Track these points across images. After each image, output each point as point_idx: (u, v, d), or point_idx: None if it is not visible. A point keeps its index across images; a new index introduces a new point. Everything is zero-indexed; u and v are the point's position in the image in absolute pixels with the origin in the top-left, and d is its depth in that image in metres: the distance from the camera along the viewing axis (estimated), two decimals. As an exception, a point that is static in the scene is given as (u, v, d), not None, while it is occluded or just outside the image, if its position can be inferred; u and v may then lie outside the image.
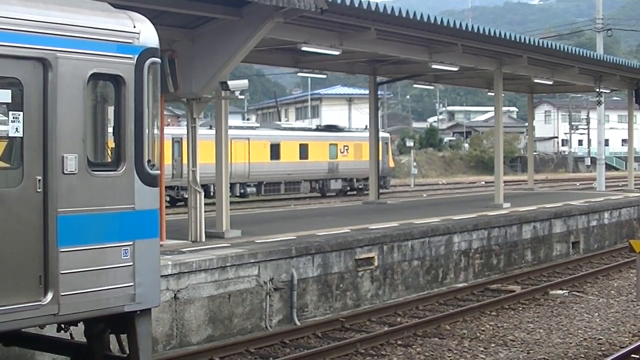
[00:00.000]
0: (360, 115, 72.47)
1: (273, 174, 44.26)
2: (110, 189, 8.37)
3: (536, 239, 23.36)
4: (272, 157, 44.56)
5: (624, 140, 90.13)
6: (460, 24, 20.97)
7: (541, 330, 14.70)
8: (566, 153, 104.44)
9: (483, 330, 14.73)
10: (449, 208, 25.69)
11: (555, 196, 32.96)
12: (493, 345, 13.64)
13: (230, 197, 19.03)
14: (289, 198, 44.38)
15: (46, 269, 7.87)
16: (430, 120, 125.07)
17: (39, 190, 7.86)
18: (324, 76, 34.51)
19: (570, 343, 13.75)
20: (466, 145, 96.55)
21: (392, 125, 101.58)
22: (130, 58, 8.48)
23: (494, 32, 22.13)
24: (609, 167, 68.36)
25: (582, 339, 14.07)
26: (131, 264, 8.52)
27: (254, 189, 43.48)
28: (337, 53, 20.91)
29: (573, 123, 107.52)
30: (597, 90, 34.73)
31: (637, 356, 12.50)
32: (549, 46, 25.41)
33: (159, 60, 8.84)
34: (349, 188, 49.04)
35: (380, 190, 31.00)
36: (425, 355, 12.96)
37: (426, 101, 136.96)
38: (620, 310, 16.49)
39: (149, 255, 8.72)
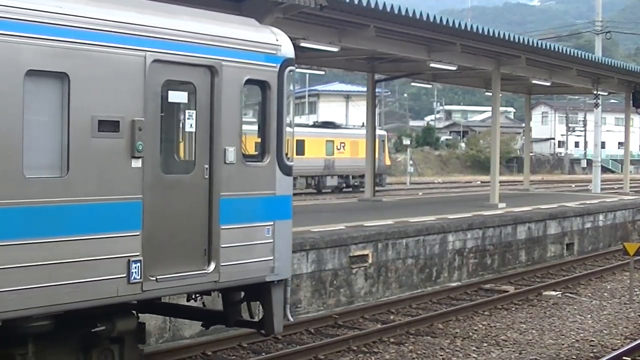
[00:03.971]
0: (358, 113, 72.47)
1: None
2: (258, 177, 9.84)
3: (531, 239, 23.40)
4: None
5: (620, 143, 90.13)
6: (460, 23, 20.99)
7: (534, 331, 14.73)
8: (562, 154, 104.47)
9: (476, 330, 14.75)
10: (444, 207, 25.71)
11: (551, 197, 33.01)
12: (485, 345, 13.67)
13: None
14: (284, 194, 44.23)
15: (210, 243, 9.24)
16: (428, 119, 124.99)
17: (206, 177, 9.24)
18: (322, 72, 34.54)
19: (563, 344, 13.78)
20: (463, 144, 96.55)
21: (389, 123, 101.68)
22: (274, 67, 9.92)
23: (493, 32, 22.15)
24: (604, 169, 68.43)
25: (574, 340, 14.10)
26: (272, 241, 9.96)
27: (250, 184, 43.35)
28: (335, 50, 20.92)
29: (570, 125, 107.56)
30: (595, 92, 34.76)
31: (629, 358, 12.53)
32: (548, 47, 25.43)
33: (295, 68, 10.35)
34: (344, 185, 49.04)
35: (376, 188, 31.03)
36: (418, 354, 12.98)
37: (424, 100, 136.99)
38: (612, 313, 16.52)
39: (284, 233, 10.20)
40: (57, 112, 7.87)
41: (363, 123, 38.24)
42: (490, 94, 28.65)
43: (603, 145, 55.93)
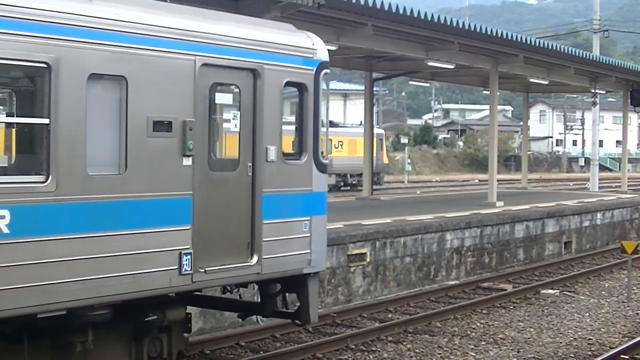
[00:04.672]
0: (356, 111, 72.43)
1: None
2: (296, 174, 10.38)
3: (528, 238, 23.40)
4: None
5: (618, 142, 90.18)
6: (457, 21, 21.00)
7: (532, 329, 14.73)
8: (560, 153, 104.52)
9: (474, 328, 14.76)
10: (442, 205, 25.71)
11: (549, 196, 33.01)
12: (483, 343, 13.67)
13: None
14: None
15: (253, 237, 9.78)
16: (425, 117, 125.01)
17: (249, 174, 9.79)
18: (320, 71, 34.46)
19: (561, 342, 13.79)
20: (461, 143, 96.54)
21: (387, 122, 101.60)
22: (311, 70, 10.47)
23: (491, 31, 22.15)
24: (602, 168, 68.44)
25: (572, 338, 14.11)
26: (309, 235, 10.50)
27: (248, 183, 43.24)
28: (333, 48, 20.86)
29: (568, 123, 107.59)
30: (593, 91, 34.79)
31: (627, 357, 12.56)
32: (545, 46, 25.44)
33: (329, 71, 10.89)
34: (342, 183, 48.97)
35: (374, 187, 30.99)
36: (416, 352, 12.98)
37: (421, 98, 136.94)
38: (610, 311, 16.53)
39: (320, 228, 10.76)
40: (116, 113, 8.39)
41: (361, 122, 38.22)
42: (488, 92, 28.67)
43: (601, 143, 55.89)
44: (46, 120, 7.73)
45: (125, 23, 8.39)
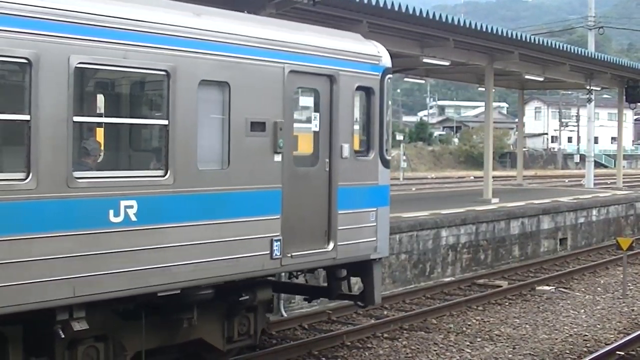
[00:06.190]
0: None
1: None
2: (365, 169, 11.45)
3: (524, 234, 23.42)
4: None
5: (613, 138, 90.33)
6: (453, 18, 20.97)
7: (527, 326, 14.75)
8: (555, 150, 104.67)
9: (469, 325, 14.77)
10: (438, 202, 25.70)
11: (544, 192, 33.04)
12: (479, 339, 13.69)
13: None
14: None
15: (329, 226, 10.89)
16: (421, 114, 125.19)
17: (326, 169, 10.90)
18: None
19: (556, 339, 13.80)
20: (456, 140, 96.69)
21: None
22: (377, 75, 11.59)
23: (486, 28, 22.13)
24: (597, 164, 68.52)
25: (567, 335, 14.13)
26: (375, 224, 11.54)
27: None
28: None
29: (563, 120, 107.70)
30: (588, 87, 34.79)
31: (622, 353, 12.58)
32: (541, 43, 25.42)
33: (391, 76, 11.91)
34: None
35: (370, 184, 30.87)
36: (411, 349, 12.99)
37: (417, 95, 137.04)
38: (606, 307, 16.56)
39: (384, 218, 11.78)
40: (220, 115, 9.45)
41: (356, 119, 38.15)
42: (483, 89, 28.65)
43: (596, 140, 55.94)
44: (165, 122, 8.75)
45: (227, 35, 9.44)
